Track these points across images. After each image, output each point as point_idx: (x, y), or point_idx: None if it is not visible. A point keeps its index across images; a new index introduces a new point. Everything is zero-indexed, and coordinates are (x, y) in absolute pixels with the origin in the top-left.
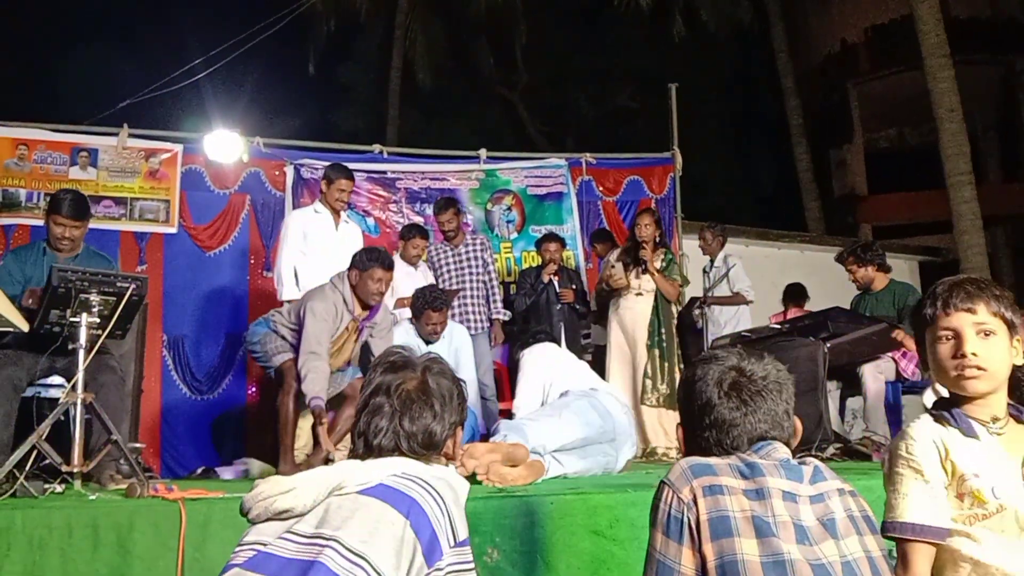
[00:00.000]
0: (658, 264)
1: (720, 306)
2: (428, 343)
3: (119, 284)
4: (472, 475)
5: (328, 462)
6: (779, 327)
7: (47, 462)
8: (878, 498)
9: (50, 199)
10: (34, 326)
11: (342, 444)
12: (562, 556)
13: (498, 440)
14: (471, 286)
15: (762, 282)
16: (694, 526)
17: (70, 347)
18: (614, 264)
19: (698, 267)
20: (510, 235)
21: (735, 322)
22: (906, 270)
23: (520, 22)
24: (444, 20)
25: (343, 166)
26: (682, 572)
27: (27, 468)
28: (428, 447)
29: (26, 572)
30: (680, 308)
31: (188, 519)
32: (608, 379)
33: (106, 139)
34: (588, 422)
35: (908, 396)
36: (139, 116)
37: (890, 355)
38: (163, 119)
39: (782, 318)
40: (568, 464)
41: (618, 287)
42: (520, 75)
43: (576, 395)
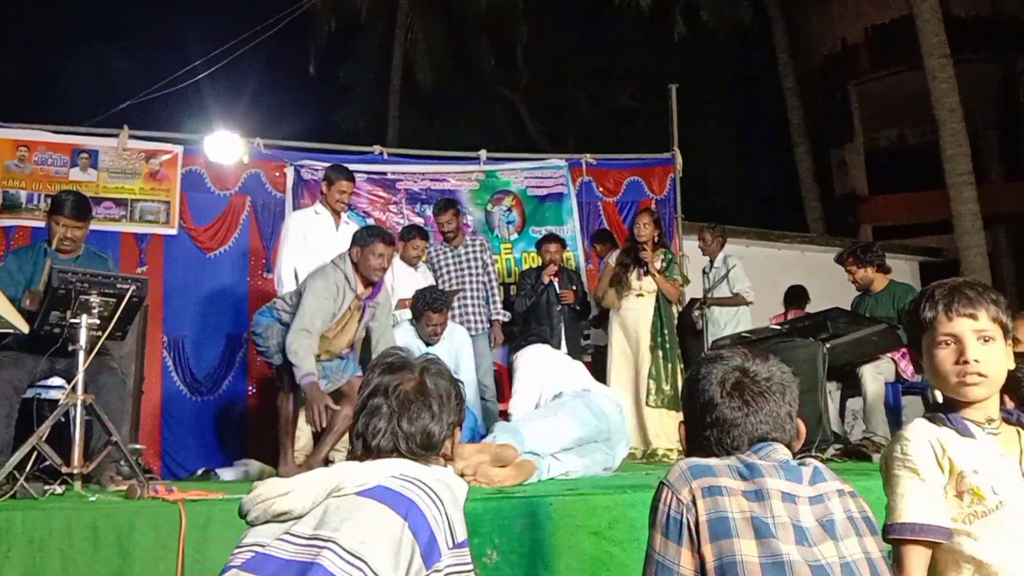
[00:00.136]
0: (658, 264)
1: (720, 307)
2: (428, 344)
3: (119, 285)
4: (460, 475)
5: (328, 463)
6: (779, 328)
7: (47, 463)
8: (878, 499)
9: (52, 200)
10: (34, 327)
11: (341, 445)
12: (561, 557)
13: (488, 441)
14: (471, 287)
15: (762, 283)
16: (693, 527)
17: (70, 348)
18: (613, 273)
19: (698, 268)
20: (510, 236)
21: (735, 323)
22: (906, 271)
23: (520, 22)
24: (444, 20)
25: (343, 167)
26: (681, 573)
27: (27, 469)
28: (426, 448)
29: (26, 573)
30: (680, 308)
31: (188, 520)
32: (610, 381)
33: (106, 140)
34: (584, 422)
35: (908, 396)
36: (139, 117)
37: (890, 356)
38: (163, 120)
39: (783, 320)
40: (568, 462)
41: (609, 306)
42: (520, 75)
43: (570, 396)
